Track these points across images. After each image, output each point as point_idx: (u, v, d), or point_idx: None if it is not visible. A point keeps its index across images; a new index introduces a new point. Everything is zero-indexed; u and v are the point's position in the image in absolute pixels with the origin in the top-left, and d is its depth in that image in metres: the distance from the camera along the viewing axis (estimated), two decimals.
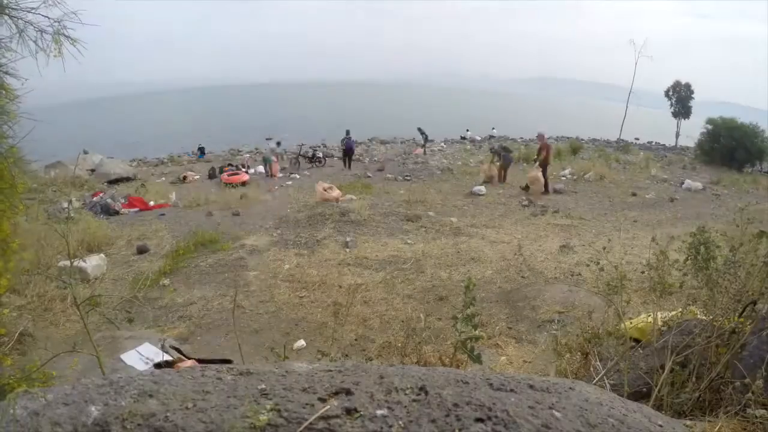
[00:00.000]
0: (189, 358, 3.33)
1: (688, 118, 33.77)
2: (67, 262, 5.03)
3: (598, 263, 3.35)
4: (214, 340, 4.36)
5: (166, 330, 4.46)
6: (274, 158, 14.55)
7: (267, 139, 16.87)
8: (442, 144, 25.99)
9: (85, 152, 18.48)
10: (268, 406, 0.92)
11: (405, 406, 0.93)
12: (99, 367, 1.83)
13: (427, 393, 0.98)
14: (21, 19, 1.82)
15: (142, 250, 6.68)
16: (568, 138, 29.86)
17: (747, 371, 1.62)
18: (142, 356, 3.19)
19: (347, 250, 6.75)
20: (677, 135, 32.71)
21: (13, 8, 1.80)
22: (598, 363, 2.44)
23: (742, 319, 1.92)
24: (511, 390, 1.04)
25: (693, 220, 9.07)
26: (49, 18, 1.87)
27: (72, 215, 7.41)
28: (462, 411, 0.93)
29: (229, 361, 2.75)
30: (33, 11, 1.83)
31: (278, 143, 15.36)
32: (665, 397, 1.76)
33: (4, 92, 1.86)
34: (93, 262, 5.68)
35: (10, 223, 2.07)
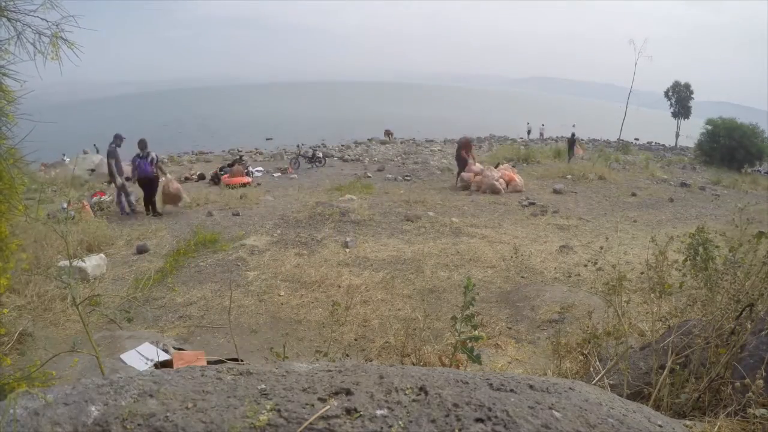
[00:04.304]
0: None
1: (688, 118, 33.85)
2: (67, 262, 5.02)
3: (596, 263, 3.36)
4: (214, 340, 4.36)
5: (166, 330, 4.46)
6: None
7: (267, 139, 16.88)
8: (443, 143, 26.03)
9: (85, 152, 18.55)
10: (268, 406, 0.92)
11: (405, 406, 0.94)
12: (99, 367, 1.83)
13: (426, 393, 0.98)
14: (19, 21, 1.82)
15: (142, 250, 6.68)
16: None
17: (746, 372, 1.62)
18: (142, 356, 3.19)
19: (347, 250, 6.75)
20: (677, 135, 32.78)
21: (11, 11, 1.80)
22: (598, 363, 2.44)
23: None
24: (511, 390, 1.04)
25: (692, 221, 9.09)
26: (47, 21, 1.87)
27: (71, 215, 7.41)
28: (462, 411, 0.93)
29: (236, 360, 2.74)
30: (31, 14, 1.83)
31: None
32: (665, 398, 1.77)
33: (2, 94, 1.86)
34: (93, 262, 5.67)
35: (9, 224, 2.07)
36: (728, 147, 21.50)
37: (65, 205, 8.51)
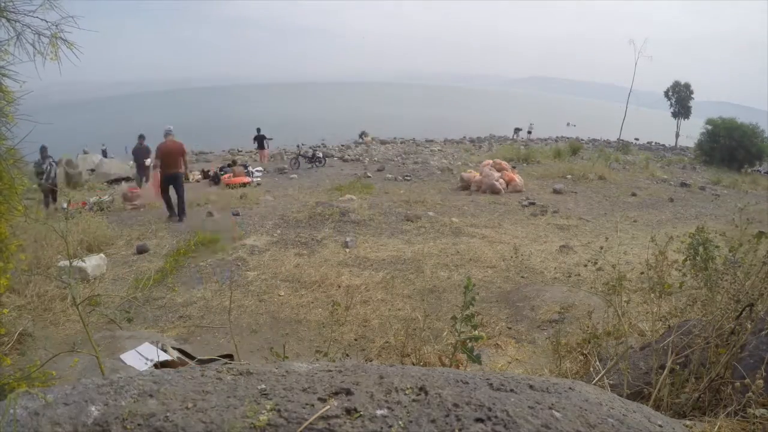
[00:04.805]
0: (192, 358, 3.33)
1: (688, 118, 33.82)
2: (67, 262, 5.02)
3: (596, 263, 3.36)
4: (214, 340, 4.36)
5: (166, 330, 4.46)
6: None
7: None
8: (443, 143, 26.04)
9: (85, 152, 18.55)
10: (268, 406, 0.92)
11: (405, 406, 0.94)
12: (99, 367, 1.83)
13: (426, 393, 0.98)
14: (18, 22, 1.82)
15: (142, 250, 6.68)
16: (567, 138, 29.91)
17: (746, 372, 1.62)
18: (142, 356, 3.18)
19: (347, 250, 6.75)
20: (677, 135, 32.75)
21: (10, 11, 1.80)
22: (598, 363, 2.44)
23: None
24: (511, 390, 1.04)
25: (692, 220, 9.09)
26: (46, 21, 1.87)
27: (71, 215, 7.40)
28: (462, 411, 0.93)
29: (230, 356, 2.75)
30: (30, 14, 1.83)
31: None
32: (665, 398, 1.76)
33: (2, 94, 1.86)
34: (93, 262, 5.67)
35: (9, 224, 2.07)
36: (728, 147, 21.48)
37: (65, 205, 8.51)
